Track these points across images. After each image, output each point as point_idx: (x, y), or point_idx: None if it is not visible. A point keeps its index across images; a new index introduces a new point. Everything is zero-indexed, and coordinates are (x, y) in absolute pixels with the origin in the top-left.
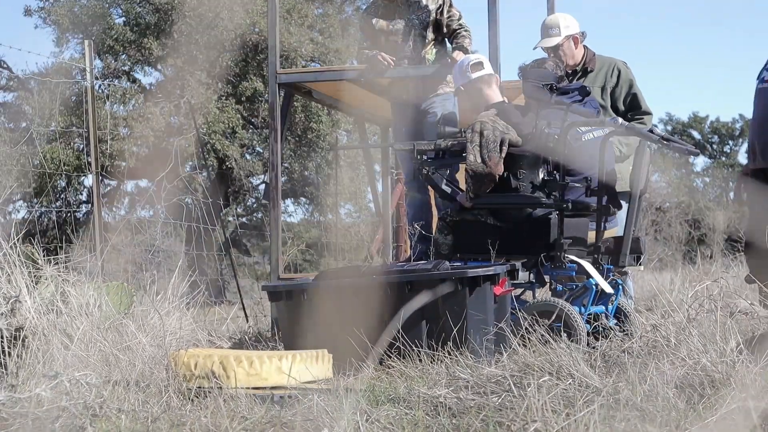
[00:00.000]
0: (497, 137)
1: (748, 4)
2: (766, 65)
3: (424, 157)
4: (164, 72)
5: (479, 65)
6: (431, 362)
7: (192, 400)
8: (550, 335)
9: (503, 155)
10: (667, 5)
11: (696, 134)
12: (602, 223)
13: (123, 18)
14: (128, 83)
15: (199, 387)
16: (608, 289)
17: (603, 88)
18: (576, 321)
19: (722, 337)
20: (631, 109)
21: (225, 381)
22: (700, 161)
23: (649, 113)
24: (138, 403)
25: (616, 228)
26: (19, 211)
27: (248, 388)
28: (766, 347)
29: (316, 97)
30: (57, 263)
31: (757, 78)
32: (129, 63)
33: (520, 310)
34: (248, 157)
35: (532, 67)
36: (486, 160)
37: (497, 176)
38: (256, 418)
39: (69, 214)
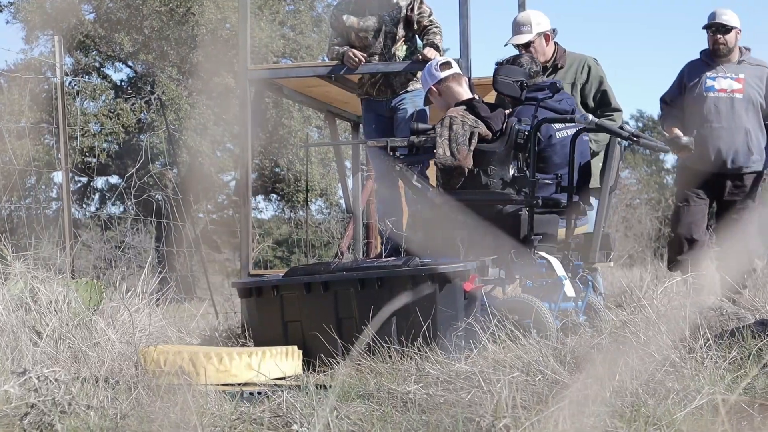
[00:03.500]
0: (466, 131)
1: (720, 4)
2: None
3: (396, 154)
4: (135, 68)
5: (448, 64)
6: (401, 358)
7: (161, 396)
8: (519, 331)
9: (472, 148)
10: (638, 2)
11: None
12: (572, 221)
13: (93, 14)
14: (99, 79)
15: (169, 384)
16: (570, 293)
17: (573, 85)
18: (546, 317)
19: (691, 333)
20: (601, 105)
21: (194, 378)
22: (671, 158)
23: (619, 110)
24: (107, 399)
25: (586, 225)
26: None
27: (218, 384)
28: (734, 343)
29: (286, 93)
30: (26, 260)
31: None
32: (99, 59)
33: (490, 306)
34: (219, 153)
35: (508, 62)
36: (455, 153)
37: (466, 169)
38: (225, 414)
39: (38, 211)
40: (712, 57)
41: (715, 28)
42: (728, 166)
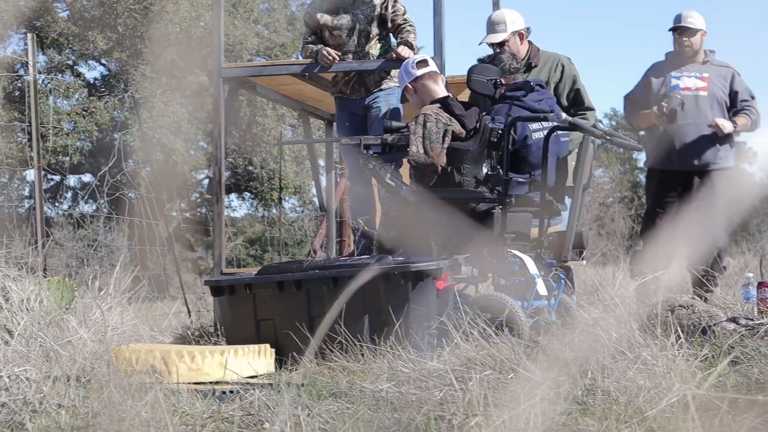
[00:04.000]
0: (440, 129)
1: (692, 4)
2: None
3: (370, 152)
4: (109, 66)
5: (424, 62)
6: (373, 357)
7: (133, 395)
8: (492, 329)
9: (446, 146)
10: (612, 1)
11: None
12: (546, 219)
13: (67, 11)
14: (72, 77)
15: (141, 382)
16: (543, 292)
17: (546, 84)
18: (518, 315)
19: (663, 331)
20: (575, 104)
21: (166, 376)
22: (644, 156)
23: (592, 109)
24: (78, 398)
25: (560, 224)
26: None
27: (190, 383)
28: (706, 341)
29: (260, 91)
30: None
31: None
32: (73, 57)
33: (462, 304)
34: (192, 151)
35: (490, 58)
36: (428, 151)
37: (440, 167)
38: (197, 413)
39: (11, 209)
40: (677, 58)
41: (681, 31)
42: (695, 163)
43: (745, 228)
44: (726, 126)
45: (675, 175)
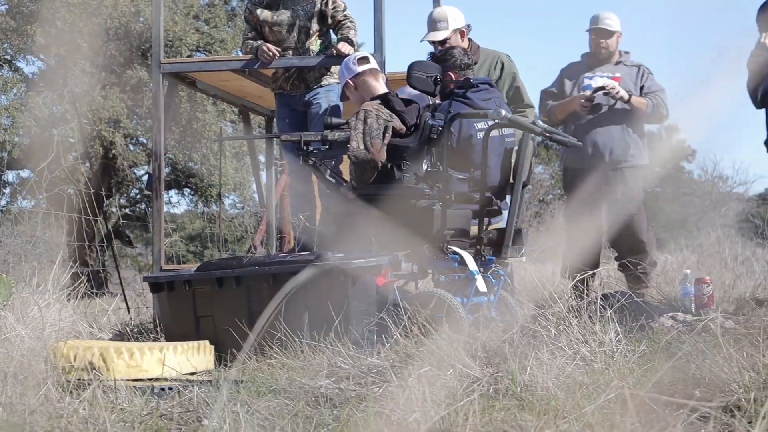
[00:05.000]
0: (380, 125)
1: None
2: None
3: (310, 148)
4: (47, 61)
5: (365, 59)
6: (313, 353)
7: (71, 392)
8: (431, 326)
9: (386, 142)
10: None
11: None
12: (485, 217)
13: (5, 6)
14: (10, 72)
15: (79, 379)
16: (483, 288)
17: None
18: (458, 312)
19: (602, 327)
20: (514, 101)
21: (105, 373)
22: None
23: (531, 106)
24: (15, 395)
25: (500, 222)
26: None
27: (128, 380)
28: (644, 337)
29: (200, 87)
30: None
31: None
32: (11, 52)
33: (402, 301)
34: (132, 147)
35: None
36: (368, 147)
37: (380, 164)
38: (135, 409)
39: None
40: (592, 58)
41: (598, 32)
42: (606, 160)
43: (684, 225)
44: (620, 91)
45: (589, 174)
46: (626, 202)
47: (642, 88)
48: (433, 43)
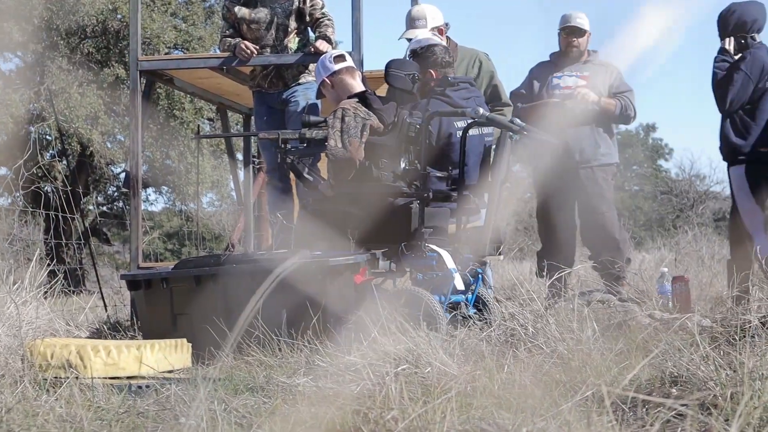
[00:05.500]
0: (358, 123)
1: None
2: None
3: (288, 146)
4: (24, 58)
5: (341, 57)
6: (291, 351)
7: (48, 390)
8: (409, 324)
9: (364, 140)
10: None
11: None
12: (463, 215)
13: None
14: None
15: (56, 377)
16: (460, 286)
17: None
18: (436, 310)
19: (579, 325)
20: (492, 100)
21: (82, 371)
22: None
23: (509, 104)
24: None
25: (478, 220)
26: None
27: (105, 377)
28: (621, 335)
29: (178, 84)
30: None
31: None
32: None
33: (380, 298)
34: (109, 145)
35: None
36: (346, 145)
37: (358, 162)
38: (112, 407)
39: None
40: (561, 58)
41: (570, 31)
42: (577, 159)
43: (662, 224)
44: (589, 95)
45: (560, 173)
46: (598, 201)
47: (613, 89)
48: (410, 40)
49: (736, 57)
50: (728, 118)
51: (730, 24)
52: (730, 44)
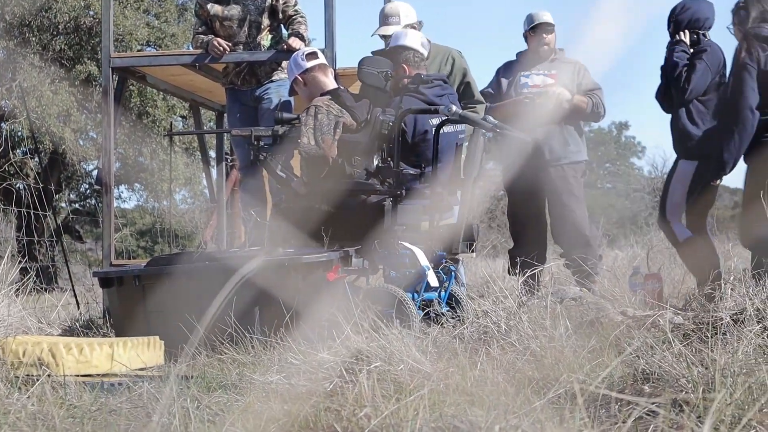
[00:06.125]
0: (331, 120)
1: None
2: None
3: (261, 143)
4: None
5: (314, 54)
6: (264, 348)
7: (19, 388)
8: (382, 321)
9: (337, 138)
10: None
11: None
12: (436, 213)
13: None
14: None
15: (28, 375)
16: (434, 283)
17: None
18: (408, 307)
19: (552, 322)
20: (465, 97)
21: (54, 368)
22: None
23: (482, 102)
24: None
25: (451, 218)
26: None
27: (78, 375)
28: (594, 332)
29: (150, 81)
30: None
31: None
32: None
33: (353, 296)
34: (82, 142)
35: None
36: (319, 142)
37: (331, 159)
38: (84, 405)
39: None
40: (529, 57)
41: (542, 28)
42: (546, 157)
43: (634, 221)
44: (564, 94)
45: (530, 172)
46: (567, 198)
47: (582, 87)
48: (384, 37)
49: (691, 50)
50: (683, 107)
51: (684, 20)
52: (686, 37)
